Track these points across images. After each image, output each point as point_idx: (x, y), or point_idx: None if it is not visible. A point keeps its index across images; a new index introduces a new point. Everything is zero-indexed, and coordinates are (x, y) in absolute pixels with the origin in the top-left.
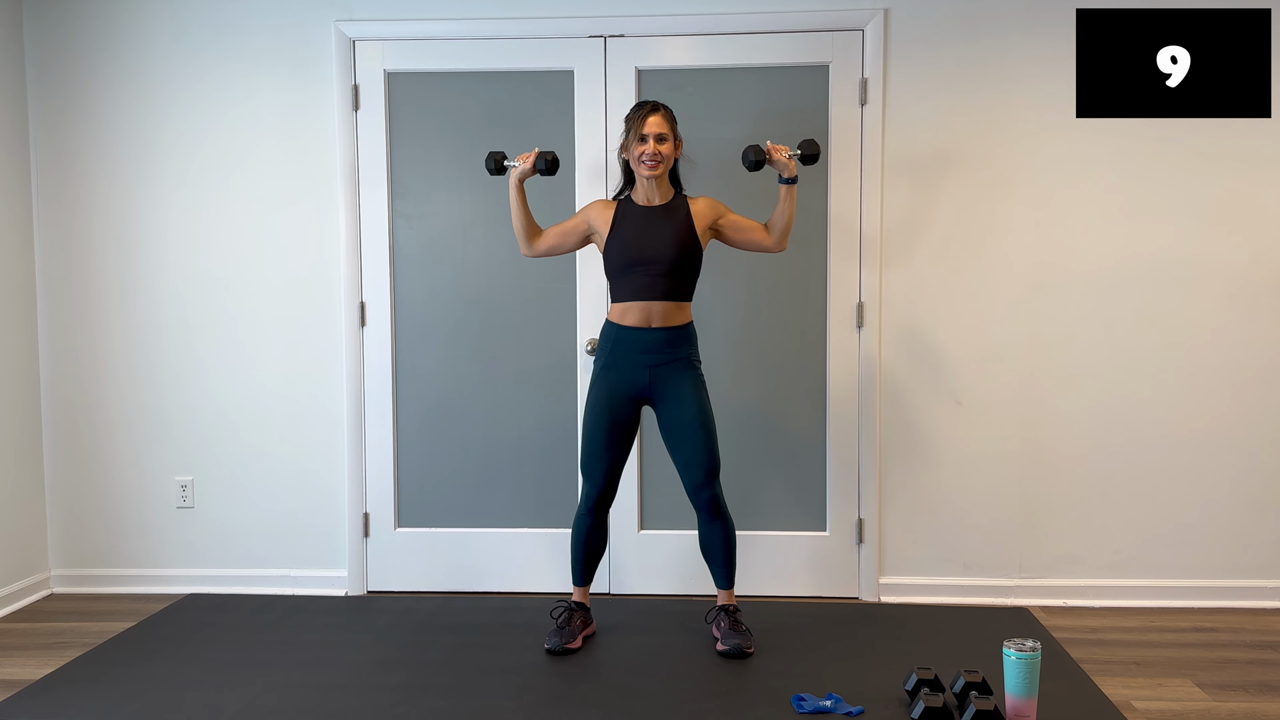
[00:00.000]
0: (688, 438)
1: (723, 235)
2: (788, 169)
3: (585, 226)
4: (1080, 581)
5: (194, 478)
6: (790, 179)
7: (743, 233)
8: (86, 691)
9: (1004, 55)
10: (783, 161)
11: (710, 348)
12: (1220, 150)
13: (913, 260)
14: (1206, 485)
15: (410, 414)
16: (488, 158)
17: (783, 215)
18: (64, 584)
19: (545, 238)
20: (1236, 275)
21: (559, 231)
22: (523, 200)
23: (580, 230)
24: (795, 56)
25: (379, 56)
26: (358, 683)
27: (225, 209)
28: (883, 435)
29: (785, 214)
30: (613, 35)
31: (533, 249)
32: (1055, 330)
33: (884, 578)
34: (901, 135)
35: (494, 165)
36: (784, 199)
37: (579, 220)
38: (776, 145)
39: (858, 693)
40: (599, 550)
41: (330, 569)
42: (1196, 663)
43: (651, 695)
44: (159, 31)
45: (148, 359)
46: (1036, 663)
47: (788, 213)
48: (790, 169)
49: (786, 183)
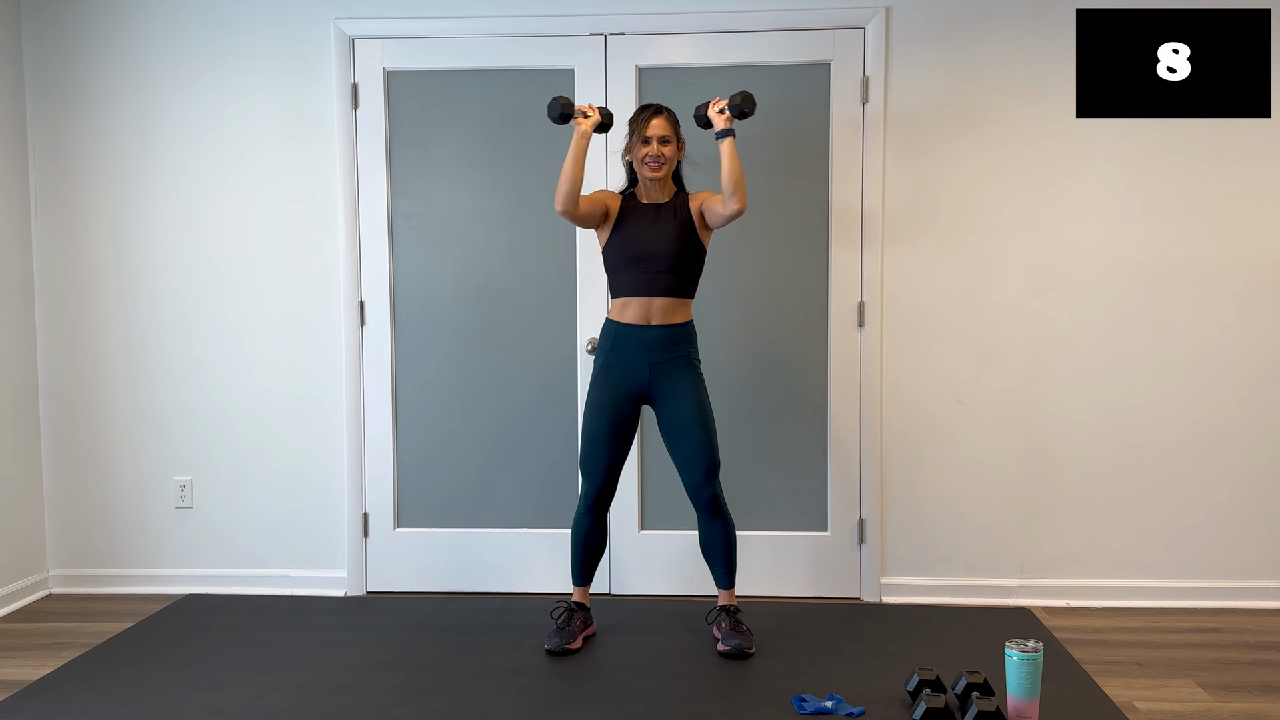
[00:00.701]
0: (688, 437)
1: (704, 220)
2: (716, 124)
3: (604, 207)
4: (1083, 582)
5: (193, 478)
6: (721, 132)
7: (709, 208)
8: (85, 693)
9: (1006, 54)
10: (712, 116)
11: (711, 346)
12: (1223, 149)
13: (915, 259)
14: (1209, 485)
15: (410, 413)
16: (552, 103)
17: (726, 173)
18: (62, 584)
19: (584, 202)
20: (1240, 274)
21: (590, 201)
22: (585, 154)
23: (602, 208)
24: (796, 55)
25: (378, 55)
26: (357, 683)
27: (224, 208)
28: (884, 435)
29: (727, 171)
30: (613, 33)
31: (574, 208)
32: (1057, 329)
33: (885, 578)
34: (903, 134)
35: (559, 112)
36: (723, 156)
37: (601, 198)
38: (716, 100)
39: (859, 693)
40: (599, 550)
41: (329, 569)
42: (1199, 663)
43: (652, 696)
44: (157, 29)
45: (146, 358)
46: (1039, 663)
47: (728, 169)
48: (719, 123)
49: (720, 136)
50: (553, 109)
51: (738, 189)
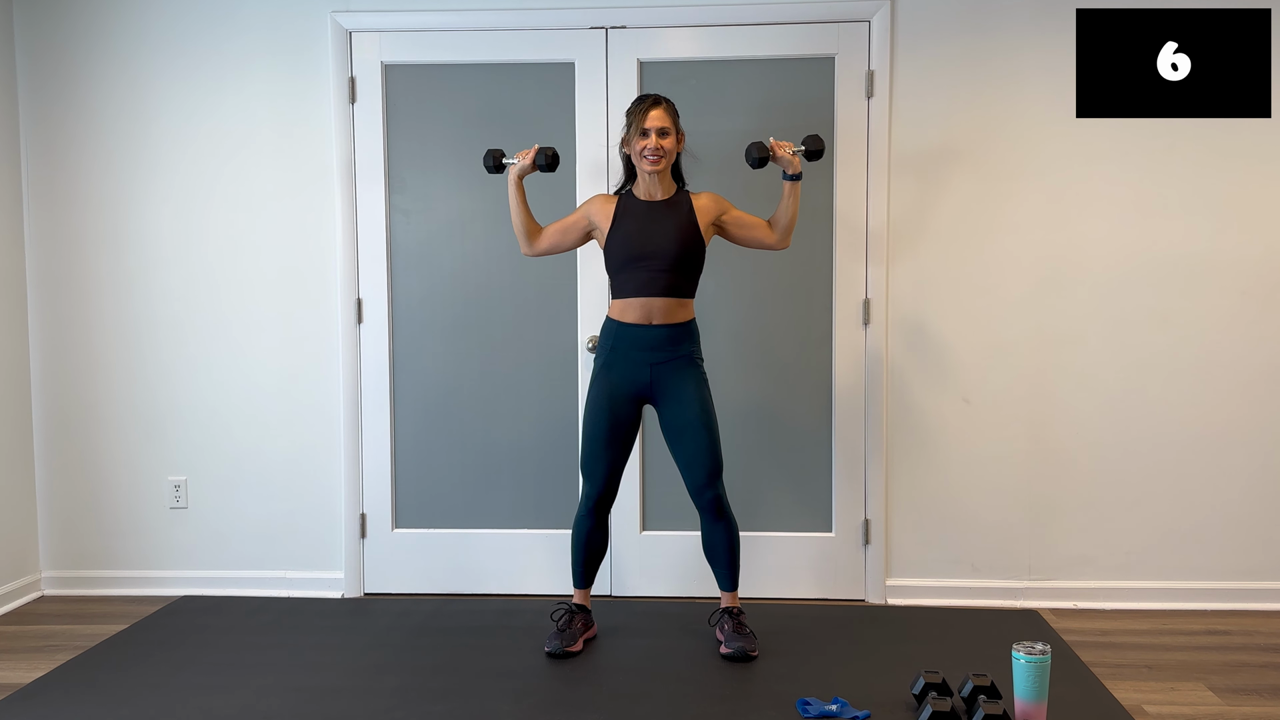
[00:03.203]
0: (690, 437)
1: (725, 232)
2: (792, 165)
3: (586, 222)
4: (1091, 583)
5: (188, 478)
6: (794, 175)
7: (746, 229)
8: (78, 695)
9: (1012, 48)
10: (786, 158)
11: (713, 345)
12: (1228, 146)
13: (920, 256)
14: (1219, 485)
15: (408, 413)
16: (486, 155)
17: (786, 212)
18: (55, 586)
19: (545, 236)
20: (1249, 271)
21: (559, 229)
22: (522, 198)
23: (581, 226)
24: (800, 48)
25: (376, 48)
26: (354, 686)
27: (219, 204)
28: (889, 434)
29: (789, 211)
30: (614, 26)
31: (533, 248)
32: (1064, 327)
33: (890, 579)
34: (908, 129)
35: (492, 163)
36: (788, 195)
37: (579, 216)
38: (780, 141)
39: (864, 697)
40: (600, 551)
41: (326, 570)
42: (1210, 666)
43: (654, 699)
44: (151, 23)
45: (140, 356)
46: (1046, 666)
47: (791, 209)
48: (794, 165)
49: (791, 179)
50: (486, 161)
51: (790, 230)
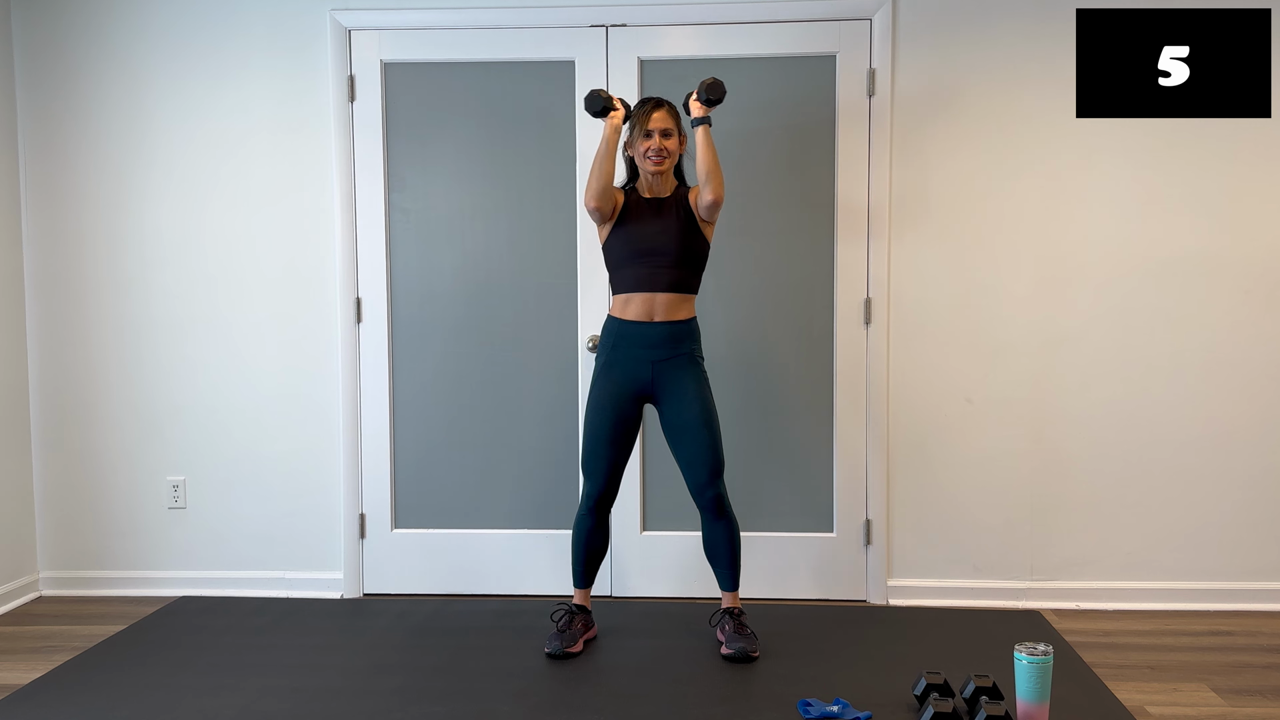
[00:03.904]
0: (691, 436)
1: (698, 213)
2: (692, 110)
3: (615, 201)
4: (1093, 584)
5: (186, 478)
6: (695, 120)
7: (694, 200)
8: (76, 696)
9: (1012, 48)
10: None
11: (714, 344)
12: (1228, 146)
13: (922, 255)
14: (1222, 485)
15: (407, 412)
16: (594, 96)
17: (701, 161)
18: (53, 586)
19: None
20: (1251, 271)
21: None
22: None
23: (613, 202)
24: (801, 46)
25: (375, 46)
26: (354, 687)
27: (218, 203)
28: (891, 434)
29: (702, 159)
30: (615, 25)
31: (609, 202)
32: (1066, 327)
33: (892, 580)
34: (910, 127)
35: (600, 106)
36: (699, 144)
37: (614, 192)
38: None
39: (865, 698)
40: (600, 551)
41: (326, 571)
42: (1212, 667)
43: (654, 700)
44: (149, 21)
45: (139, 356)
46: (1048, 667)
47: (703, 157)
48: (694, 110)
49: (694, 125)
50: (594, 103)
51: (710, 177)
